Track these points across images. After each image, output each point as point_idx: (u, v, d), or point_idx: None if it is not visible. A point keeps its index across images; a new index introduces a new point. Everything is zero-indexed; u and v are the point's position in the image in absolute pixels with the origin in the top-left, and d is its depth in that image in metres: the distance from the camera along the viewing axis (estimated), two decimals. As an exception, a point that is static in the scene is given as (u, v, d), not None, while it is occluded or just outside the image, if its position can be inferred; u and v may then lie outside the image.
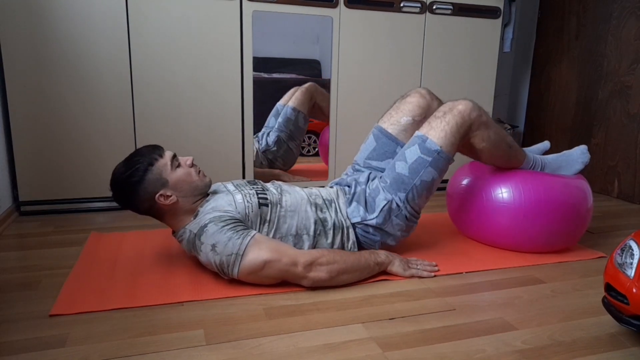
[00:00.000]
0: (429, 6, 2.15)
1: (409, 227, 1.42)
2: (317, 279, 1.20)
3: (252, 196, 1.30)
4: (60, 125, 1.79)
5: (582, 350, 0.99)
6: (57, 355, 0.92)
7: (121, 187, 1.24)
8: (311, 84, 2.11)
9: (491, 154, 1.44)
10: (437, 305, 1.16)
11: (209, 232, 1.18)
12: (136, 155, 1.26)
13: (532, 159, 1.54)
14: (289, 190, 1.38)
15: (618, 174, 2.34)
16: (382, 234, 1.39)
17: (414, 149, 1.36)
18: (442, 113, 1.37)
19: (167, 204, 1.24)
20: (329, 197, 1.41)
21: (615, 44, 2.32)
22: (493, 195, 1.48)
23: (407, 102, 1.51)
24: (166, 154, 1.27)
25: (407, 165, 1.36)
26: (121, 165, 1.26)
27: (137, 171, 1.22)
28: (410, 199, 1.36)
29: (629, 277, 0.97)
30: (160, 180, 1.24)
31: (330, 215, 1.36)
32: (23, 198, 1.81)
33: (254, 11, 1.91)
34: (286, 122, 2.11)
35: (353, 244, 1.38)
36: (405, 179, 1.36)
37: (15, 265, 1.35)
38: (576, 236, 1.52)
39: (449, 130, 1.34)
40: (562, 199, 1.43)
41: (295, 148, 2.16)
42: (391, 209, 1.36)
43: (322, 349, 0.96)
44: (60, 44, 1.73)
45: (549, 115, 2.74)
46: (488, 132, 1.40)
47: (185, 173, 1.28)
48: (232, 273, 1.18)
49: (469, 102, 1.37)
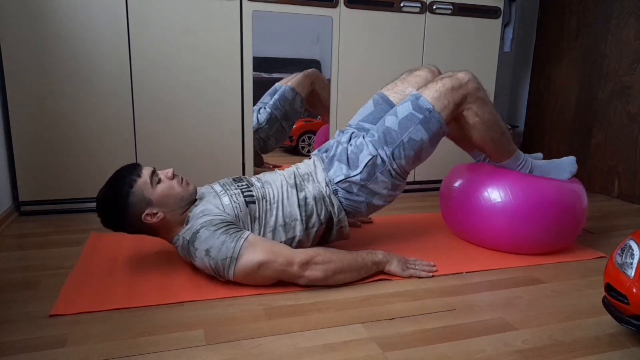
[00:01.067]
0: (429, 6, 2.15)
1: (395, 186, 1.39)
2: (313, 278, 1.20)
3: (238, 196, 1.29)
4: (60, 126, 1.79)
5: (582, 351, 0.99)
6: (57, 355, 0.92)
7: (108, 214, 1.24)
8: (314, 70, 2.10)
9: (482, 133, 1.41)
10: (437, 305, 1.16)
11: (201, 237, 1.18)
12: (115, 179, 1.24)
13: (523, 157, 1.53)
14: (269, 180, 1.37)
15: (618, 174, 2.34)
16: (367, 192, 1.37)
17: (406, 105, 1.37)
18: (440, 77, 1.39)
19: (154, 222, 1.24)
20: (307, 170, 1.40)
21: (615, 44, 2.32)
22: (486, 197, 1.47)
23: (416, 74, 1.51)
24: (144, 172, 1.25)
25: (398, 120, 1.35)
26: (103, 192, 1.24)
27: (119, 197, 1.21)
28: (396, 156, 1.35)
29: (629, 277, 0.97)
30: (144, 200, 1.22)
31: (309, 190, 1.35)
32: (23, 198, 1.81)
33: (254, 11, 1.91)
34: (282, 100, 2.08)
35: (339, 209, 1.36)
36: (393, 133, 1.35)
37: (15, 265, 1.35)
38: (571, 237, 1.51)
39: (443, 91, 1.34)
40: (556, 200, 1.42)
41: (288, 128, 2.12)
42: (375, 164, 1.35)
43: (322, 349, 0.96)
44: (60, 45, 1.73)
45: (549, 115, 2.74)
46: (483, 108, 1.38)
47: (167, 187, 1.26)
48: (227, 276, 1.18)
49: (469, 72, 1.38)
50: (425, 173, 2.32)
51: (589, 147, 2.50)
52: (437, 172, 2.32)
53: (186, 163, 1.94)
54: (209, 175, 1.92)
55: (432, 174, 2.32)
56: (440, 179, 2.33)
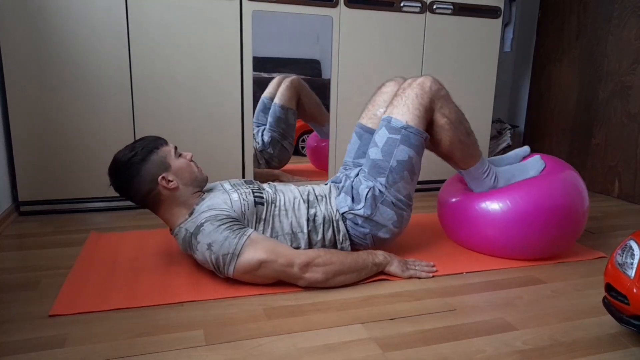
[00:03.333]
0: (429, 6, 2.15)
1: (400, 217, 1.38)
2: (313, 280, 1.20)
3: (248, 194, 1.30)
4: (59, 125, 1.79)
5: (583, 351, 0.99)
6: (56, 355, 0.92)
7: (124, 167, 1.25)
8: (295, 78, 2.09)
9: (451, 134, 1.39)
10: (437, 306, 1.16)
11: (205, 231, 1.18)
12: (140, 140, 1.30)
13: (487, 163, 1.49)
14: (283, 189, 1.39)
15: (618, 174, 2.34)
16: (372, 225, 1.36)
17: (382, 132, 1.37)
18: (402, 90, 1.39)
19: (168, 187, 1.25)
20: (322, 193, 1.41)
21: (615, 43, 2.32)
22: (484, 205, 1.44)
23: (382, 92, 1.52)
24: (170, 144, 1.32)
25: (379, 149, 1.35)
26: (124, 148, 1.28)
27: (142, 151, 1.25)
28: (390, 182, 1.35)
29: (629, 277, 0.96)
30: (164, 163, 1.26)
31: (320, 209, 1.35)
32: (23, 198, 1.80)
33: (254, 11, 1.91)
34: (277, 121, 2.10)
35: (344, 237, 1.37)
36: (380, 162, 1.35)
37: (14, 265, 1.35)
38: (572, 240, 1.49)
39: (410, 104, 1.34)
40: (557, 204, 1.40)
41: (289, 146, 2.15)
42: (375, 196, 1.35)
43: (322, 350, 0.96)
44: (60, 45, 1.73)
45: (549, 115, 2.74)
46: (448, 107, 1.38)
47: (187, 163, 1.31)
48: (227, 272, 1.18)
49: (428, 76, 1.39)
50: (425, 173, 2.32)
51: (589, 147, 2.50)
52: (436, 172, 2.32)
53: (186, 163, 1.94)
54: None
55: (432, 174, 2.32)
56: (439, 179, 2.33)
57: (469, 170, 1.48)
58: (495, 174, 1.49)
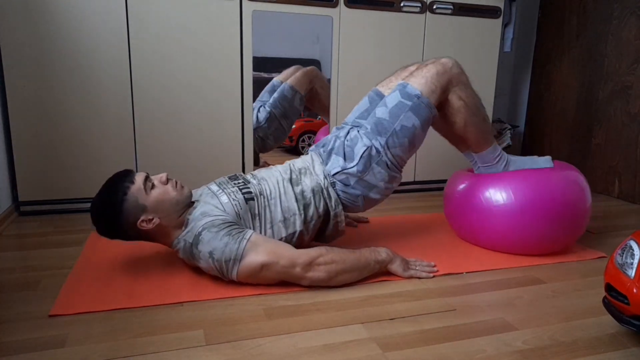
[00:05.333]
0: (429, 6, 2.15)
1: (391, 178, 1.40)
2: (315, 279, 1.20)
3: (237, 193, 1.29)
4: (59, 125, 1.79)
5: (583, 351, 0.99)
6: (56, 355, 0.92)
7: (103, 222, 1.22)
8: (313, 67, 2.09)
9: (466, 117, 1.42)
10: (437, 306, 1.16)
11: (204, 239, 1.18)
12: (108, 187, 1.22)
13: (500, 149, 1.53)
14: (265, 176, 1.37)
15: (619, 174, 2.34)
16: (364, 185, 1.37)
17: (394, 94, 1.38)
18: (424, 64, 1.42)
19: (150, 227, 1.22)
20: (304, 164, 1.41)
21: (615, 43, 2.32)
22: (490, 197, 1.46)
23: (406, 69, 1.52)
24: (137, 178, 1.23)
25: (388, 109, 1.37)
26: (96, 201, 1.22)
27: (113, 205, 1.19)
28: (390, 145, 1.36)
29: (629, 278, 0.96)
30: (139, 207, 1.20)
31: (306, 183, 1.35)
32: (22, 198, 1.80)
33: (254, 11, 1.91)
34: (282, 99, 2.08)
35: (336, 202, 1.37)
36: (385, 123, 1.36)
37: (14, 265, 1.35)
38: (574, 236, 1.50)
39: (429, 77, 1.37)
40: (561, 199, 1.42)
41: (287, 127, 2.12)
42: (371, 156, 1.35)
43: (322, 350, 0.96)
44: (60, 45, 1.73)
45: (549, 115, 2.74)
46: (466, 91, 1.41)
47: (162, 192, 1.24)
48: (231, 276, 1.18)
49: (452, 58, 1.41)
50: (425, 173, 2.32)
51: (589, 147, 2.49)
52: (437, 172, 2.32)
53: (186, 163, 1.94)
54: (208, 175, 1.91)
55: (432, 174, 2.32)
56: (439, 179, 2.33)
57: (481, 154, 1.51)
58: (507, 161, 1.53)
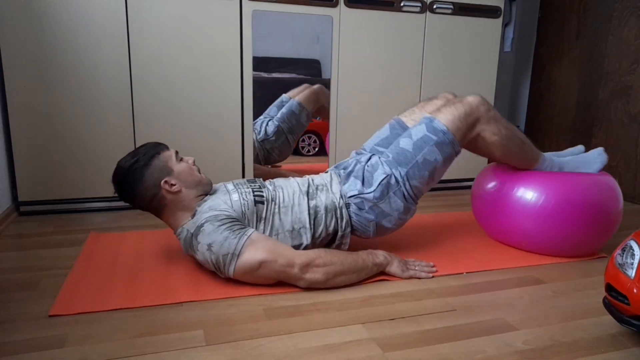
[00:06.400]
0: (429, 6, 2.15)
1: (406, 209, 1.40)
2: (313, 281, 1.20)
3: (249, 194, 1.30)
4: (59, 125, 1.79)
5: (583, 351, 0.98)
6: (56, 355, 0.92)
7: (127, 174, 1.26)
8: (320, 86, 2.14)
9: (504, 148, 1.44)
10: (437, 306, 1.16)
11: (205, 231, 1.18)
12: (141, 147, 1.32)
13: (549, 159, 1.53)
14: (282, 185, 1.38)
15: (619, 174, 2.34)
16: (378, 212, 1.37)
17: (420, 127, 1.39)
18: (451, 103, 1.42)
19: (171, 191, 1.27)
20: (322, 182, 1.41)
21: (615, 43, 2.32)
22: (519, 196, 1.46)
23: (433, 103, 1.52)
24: (170, 149, 1.33)
25: (412, 141, 1.37)
26: (126, 155, 1.30)
27: (143, 157, 1.27)
28: (410, 176, 1.36)
29: (629, 278, 0.96)
30: (166, 168, 1.28)
31: (321, 199, 1.35)
32: (22, 198, 1.80)
33: (254, 11, 1.91)
34: (290, 114, 2.12)
35: (347, 224, 1.37)
36: (408, 154, 1.36)
37: (14, 265, 1.35)
38: (605, 239, 1.48)
39: (457, 115, 1.37)
40: (592, 200, 1.41)
41: (293, 141, 2.17)
42: (389, 184, 1.35)
43: (322, 350, 0.96)
44: (59, 45, 1.73)
45: (549, 115, 2.74)
46: (498, 125, 1.41)
47: (189, 167, 1.33)
48: (227, 272, 1.18)
49: (478, 96, 1.41)
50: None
51: (589, 147, 2.49)
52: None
53: (186, 163, 1.94)
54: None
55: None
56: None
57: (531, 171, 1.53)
58: (560, 167, 1.53)
